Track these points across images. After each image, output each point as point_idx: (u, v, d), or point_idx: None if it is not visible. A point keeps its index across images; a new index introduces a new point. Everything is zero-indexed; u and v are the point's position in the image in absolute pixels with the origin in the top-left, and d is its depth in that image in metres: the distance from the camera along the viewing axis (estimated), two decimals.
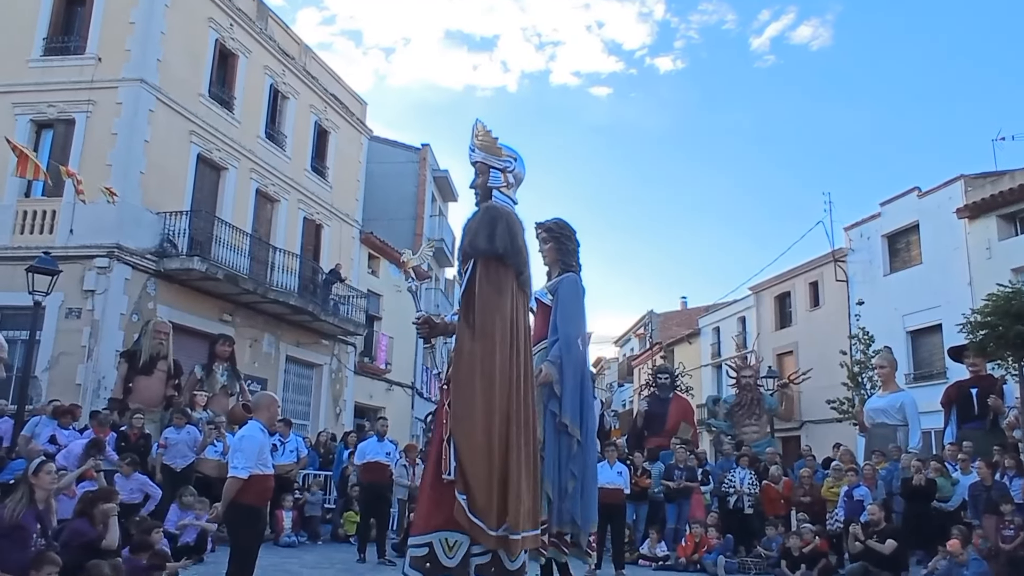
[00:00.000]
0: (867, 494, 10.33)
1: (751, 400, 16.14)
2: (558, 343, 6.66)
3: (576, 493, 6.42)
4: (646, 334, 42.06)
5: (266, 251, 18.87)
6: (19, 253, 14.11)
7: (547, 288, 7.03)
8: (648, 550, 11.04)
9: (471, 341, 4.90)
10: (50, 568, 5.22)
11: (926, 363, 21.80)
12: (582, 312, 7.00)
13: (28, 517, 5.37)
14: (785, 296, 29.42)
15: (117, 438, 10.18)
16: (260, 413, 5.93)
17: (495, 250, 4.99)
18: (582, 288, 7.06)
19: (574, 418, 6.48)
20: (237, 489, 5.50)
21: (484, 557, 4.70)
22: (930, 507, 10.07)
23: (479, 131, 5.40)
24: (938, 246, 21.74)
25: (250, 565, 5.68)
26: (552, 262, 7.13)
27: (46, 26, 16.56)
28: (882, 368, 13.08)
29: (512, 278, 5.05)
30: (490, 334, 4.88)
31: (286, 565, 8.94)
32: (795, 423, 25.95)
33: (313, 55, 22.52)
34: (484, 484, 4.66)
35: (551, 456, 6.36)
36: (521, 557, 4.80)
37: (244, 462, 5.54)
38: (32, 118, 16.05)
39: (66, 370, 14.31)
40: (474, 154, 5.40)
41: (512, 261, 5.03)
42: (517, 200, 5.48)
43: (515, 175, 5.45)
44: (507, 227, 5.07)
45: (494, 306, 4.94)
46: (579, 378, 6.68)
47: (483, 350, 4.85)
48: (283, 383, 19.85)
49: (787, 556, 10.06)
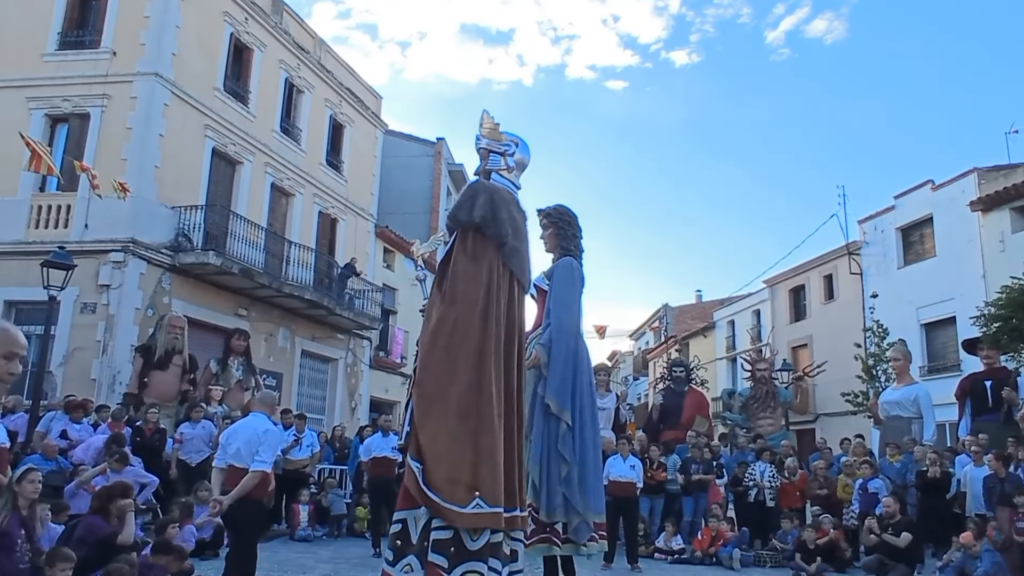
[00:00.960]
0: (882, 487, 10.34)
1: (766, 393, 16.05)
2: (550, 326, 6.62)
3: (571, 479, 6.25)
4: (661, 327, 41.94)
5: (281, 245, 18.92)
6: (34, 248, 14.20)
7: (545, 273, 6.99)
8: (664, 543, 11.02)
9: (440, 307, 4.88)
10: (64, 564, 5.24)
11: (940, 356, 21.80)
12: (576, 296, 6.90)
13: (12, 524, 5.40)
14: (799, 289, 29.33)
15: (132, 433, 10.24)
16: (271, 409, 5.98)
17: (472, 219, 5.00)
18: (579, 273, 6.97)
19: (561, 400, 6.36)
20: (257, 482, 5.50)
21: (445, 532, 4.49)
22: (945, 500, 10.10)
23: (485, 120, 5.47)
24: (952, 239, 21.68)
25: (254, 558, 5.67)
26: (552, 248, 7.07)
27: (61, 20, 16.63)
28: (896, 361, 13.11)
29: (493, 249, 5.02)
30: (461, 302, 4.84)
31: (301, 560, 8.97)
32: (810, 416, 25.92)
33: (328, 49, 22.52)
34: (446, 455, 4.52)
35: (539, 440, 6.26)
36: (484, 536, 4.58)
37: (270, 456, 5.59)
38: (47, 112, 16.13)
39: (81, 365, 14.41)
40: (480, 141, 5.47)
41: (492, 231, 5.01)
42: (520, 184, 5.48)
43: (517, 159, 5.46)
44: (488, 199, 5.08)
45: (468, 275, 4.91)
46: (570, 361, 6.55)
47: (452, 318, 4.81)
48: (298, 377, 19.94)
49: (803, 549, 10.05)
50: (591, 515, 6.43)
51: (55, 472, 8.75)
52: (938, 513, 10.04)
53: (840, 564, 10.05)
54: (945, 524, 9.70)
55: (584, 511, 6.30)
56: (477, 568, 4.50)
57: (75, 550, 5.60)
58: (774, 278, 30.38)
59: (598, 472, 6.86)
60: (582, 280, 7.01)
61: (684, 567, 10.26)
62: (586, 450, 6.50)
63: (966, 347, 13.02)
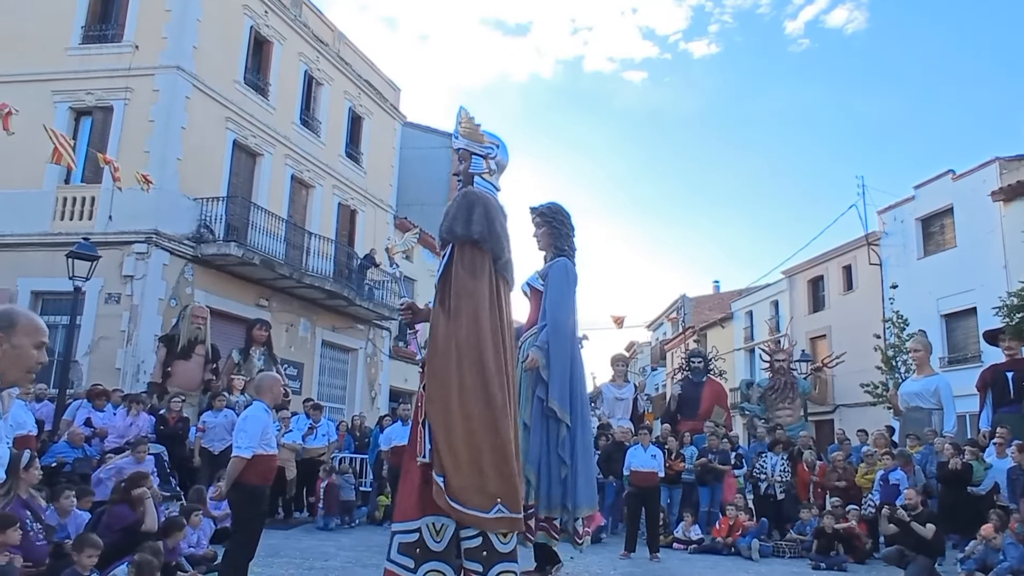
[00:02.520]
0: (903, 478, 10.26)
1: (784, 384, 16.04)
2: (546, 328, 6.65)
3: (567, 479, 6.39)
4: (679, 318, 41.87)
5: (301, 236, 19.06)
6: (59, 239, 14.37)
7: (539, 273, 7.02)
8: (682, 533, 11.05)
9: (446, 324, 4.90)
10: (91, 551, 5.36)
11: (961, 347, 21.69)
12: (571, 296, 6.94)
13: (16, 506, 5.54)
14: (818, 280, 29.23)
15: (156, 421, 10.40)
16: (263, 395, 5.93)
17: (471, 235, 4.98)
18: (573, 273, 7.00)
19: (563, 403, 6.45)
20: (241, 469, 5.52)
21: (475, 540, 4.63)
22: (966, 491, 9.95)
23: (463, 118, 5.37)
24: (973, 229, 21.53)
25: (252, 544, 5.69)
26: (546, 246, 7.09)
27: (84, 15, 16.83)
28: (916, 352, 13.01)
29: (489, 263, 5.02)
30: (465, 317, 4.87)
31: (323, 548, 9.08)
32: (829, 407, 25.87)
33: (347, 41, 22.60)
34: (466, 466, 4.61)
35: (538, 442, 6.35)
36: (513, 539, 4.74)
37: (248, 442, 5.53)
38: (71, 105, 16.33)
39: (106, 354, 14.64)
40: (458, 141, 5.38)
41: (489, 246, 5.00)
42: (500, 187, 5.44)
43: (497, 162, 5.41)
44: (484, 212, 5.06)
45: (469, 290, 4.92)
46: (567, 363, 6.63)
47: (458, 333, 4.84)
48: (319, 367, 20.12)
49: (821, 536, 9.96)
50: (583, 510, 6.61)
51: (82, 459, 8.93)
52: (960, 505, 9.88)
53: (859, 555, 9.96)
54: (967, 516, 9.53)
55: (575, 510, 6.49)
56: (511, 568, 4.66)
57: (101, 537, 5.73)
58: (792, 269, 30.28)
59: (590, 467, 6.97)
60: (576, 279, 7.04)
61: (703, 557, 10.22)
62: (583, 450, 6.65)
63: (987, 338, 12.86)
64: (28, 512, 5.65)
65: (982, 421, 11.42)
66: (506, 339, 5.07)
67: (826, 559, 9.67)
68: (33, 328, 2.70)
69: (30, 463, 6.00)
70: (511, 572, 4.66)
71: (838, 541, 9.87)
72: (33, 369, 2.74)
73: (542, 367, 6.46)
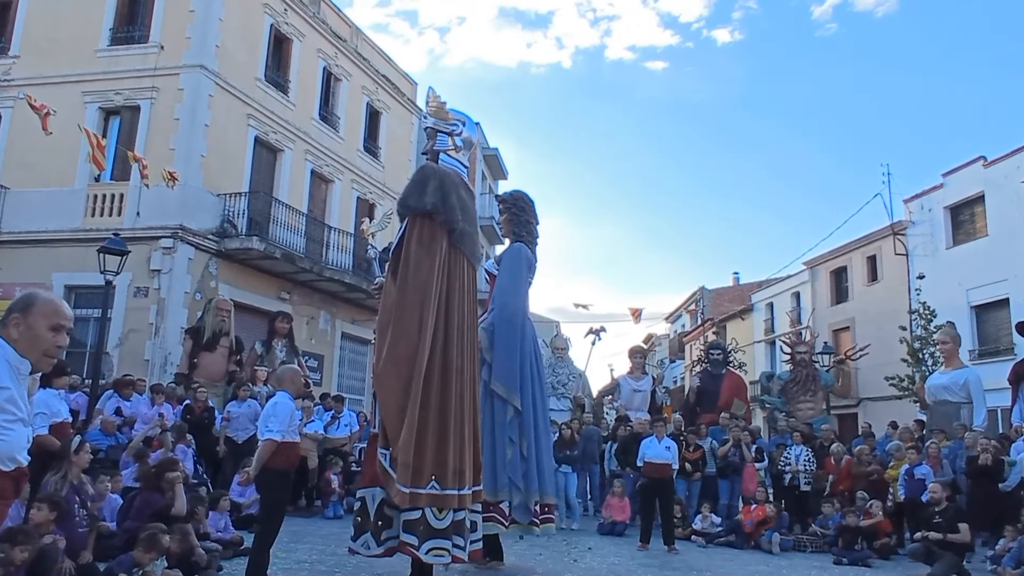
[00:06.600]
0: (929, 473, 10.07)
1: (806, 376, 15.92)
2: (493, 311, 6.73)
3: (515, 459, 6.39)
4: (698, 310, 41.73)
5: (321, 230, 19.29)
6: (90, 235, 14.70)
7: (495, 259, 7.12)
8: (700, 525, 11.00)
9: (394, 295, 4.99)
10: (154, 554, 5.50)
11: (992, 339, 21.24)
12: (520, 280, 6.98)
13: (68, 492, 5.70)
14: (841, 271, 28.85)
15: (183, 411, 10.62)
16: (285, 386, 6.06)
17: (424, 206, 5.09)
18: (526, 256, 7.05)
19: (509, 384, 6.47)
20: (271, 452, 5.68)
21: (415, 512, 4.74)
22: (996, 487, 9.64)
23: (431, 98, 5.51)
24: (1005, 217, 20.99)
25: (276, 524, 5.85)
26: (507, 233, 7.25)
27: (112, 17, 17.19)
28: (945, 344, 12.82)
29: (444, 235, 5.11)
30: (413, 288, 4.94)
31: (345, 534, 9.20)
32: (852, 400, 25.60)
33: (365, 37, 22.79)
34: (405, 440, 4.70)
35: (485, 424, 6.33)
36: (449, 515, 4.82)
37: (278, 426, 5.68)
38: (100, 105, 16.66)
39: (135, 346, 14.95)
40: (426, 120, 5.52)
41: (443, 219, 5.09)
42: (467, 164, 5.53)
43: (464, 139, 5.51)
44: (439, 185, 5.15)
45: (420, 261, 5.01)
46: (516, 345, 6.64)
47: (404, 304, 4.91)
48: (339, 359, 20.35)
49: (845, 532, 9.83)
50: (544, 496, 6.61)
51: (114, 446, 9.25)
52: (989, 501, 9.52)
53: (884, 551, 9.76)
54: (997, 512, 9.28)
55: (531, 493, 6.48)
56: (442, 545, 4.80)
57: (134, 520, 5.92)
58: (814, 259, 29.90)
59: (548, 454, 6.96)
60: (530, 264, 7.09)
61: (722, 550, 10.08)
62: (537, 434, 6.64)
63: (1020, 330, 12.63)
64: (76, 497, 5.83)
65: (1014, 416, 11.17)
66: (458, 309, 5.11)
67: (849, 554, 9.50)
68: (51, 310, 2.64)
69: (80, 447, 6.18)
70: (443, 550, 4.77)
71: (861, 536, 9.73)
72: (51, 353, 2.67)
73: (485, 349, 6.46)
